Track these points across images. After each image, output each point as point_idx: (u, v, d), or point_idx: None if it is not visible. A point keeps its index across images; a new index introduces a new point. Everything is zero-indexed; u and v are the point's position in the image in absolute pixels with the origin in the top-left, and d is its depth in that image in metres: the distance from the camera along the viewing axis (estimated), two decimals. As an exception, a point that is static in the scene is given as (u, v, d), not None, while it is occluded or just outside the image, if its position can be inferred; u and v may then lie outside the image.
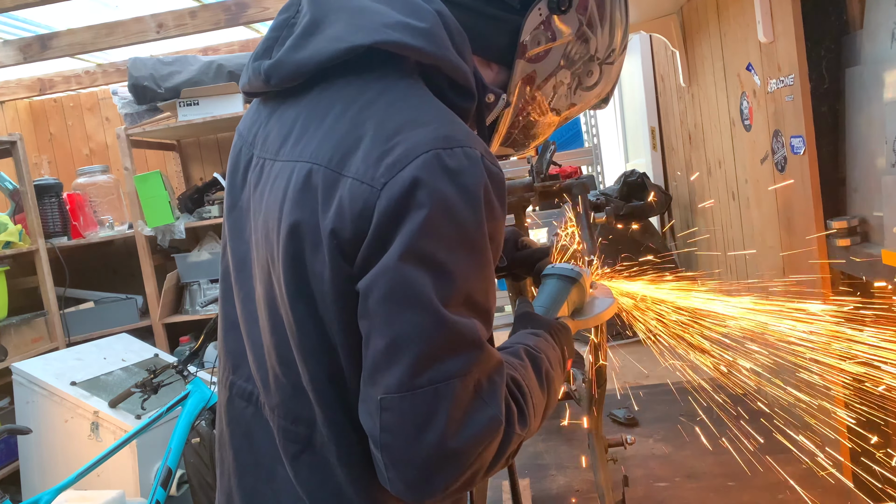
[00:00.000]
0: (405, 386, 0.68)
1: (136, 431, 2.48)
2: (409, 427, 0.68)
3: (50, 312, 3.64)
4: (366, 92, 0.78)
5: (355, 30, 0.78)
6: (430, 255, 0.69)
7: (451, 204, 0.70)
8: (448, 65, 0.80)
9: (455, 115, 0.78)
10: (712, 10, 1.99)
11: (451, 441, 0.68)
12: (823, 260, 1.43)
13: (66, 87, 4.31)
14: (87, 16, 3.47)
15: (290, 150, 0.81)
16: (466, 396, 0.69)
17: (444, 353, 0.68)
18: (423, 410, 0.68)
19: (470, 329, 0.70)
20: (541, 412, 0.83)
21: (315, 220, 0.74)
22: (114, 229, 3.94)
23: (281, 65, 0.82)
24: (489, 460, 0.72)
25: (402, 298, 0.69)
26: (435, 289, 0.68)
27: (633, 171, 2.73)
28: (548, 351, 0.89)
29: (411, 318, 0.68)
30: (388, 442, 0.69)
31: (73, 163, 4.49)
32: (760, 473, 1.47)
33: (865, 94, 1.27)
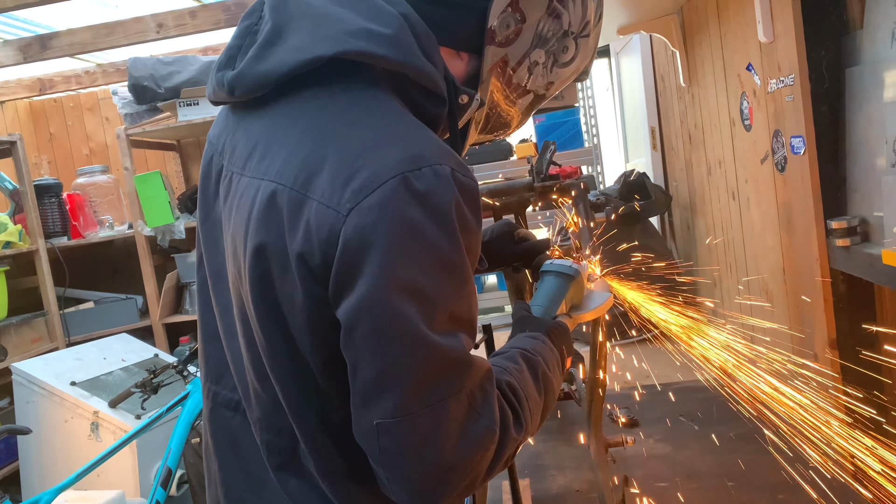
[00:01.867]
0: (400, 412, 0.68)
1: (136, 431, 2.48)
2: (409, 449, 0.69)
3: (50, 312, 3.64)
4: (330, 105, 0.76)
5: (318, 39, 0.76)
6: (409, 283, 0.68)
7: (422, 229, 0.69)
8: (416, 71, 0.77)
9: (423, 128, 0.76)
10: (712, 10, 1.99)
11: (449, 457, 0.70)
12: (823, 260, 1.43)
13: (66, 87, 4.31)
14: (87, 16, 3.47)
15: (255, 165, 0.79)
16: (461, 412, 0.70)
17: (436, 376, 0.69)
18: (420, 433, 0.68)
19: (457, 347, 0.70)
20: (538, 414, 0.84)
21: (282, 242, 0.73)
22: (114, 229, 3.94)
23: (243, 76, 0.80)
24: (486, 466, 0.73)
25: (388, 332, 0.68)
26: (420, 316, 0.68)
27: (633, 171, 2.73)
28: (545, 353, 0.90)
29: (400, 350, 0.68)
30: (388, 462, 0.70)
31: (73, 163, 4.49)
32: (760, 473, 1.46)
33: (865, 94, 1.27)
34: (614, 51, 3.88)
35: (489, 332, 1.18)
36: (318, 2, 0.80)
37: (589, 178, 3.52)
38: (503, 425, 0.74)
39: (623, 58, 3.68)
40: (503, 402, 0.76)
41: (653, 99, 3.07)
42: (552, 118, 3.52)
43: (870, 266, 1.24)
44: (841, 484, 1.38)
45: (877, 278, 1.23)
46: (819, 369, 1.51)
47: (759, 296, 1.91)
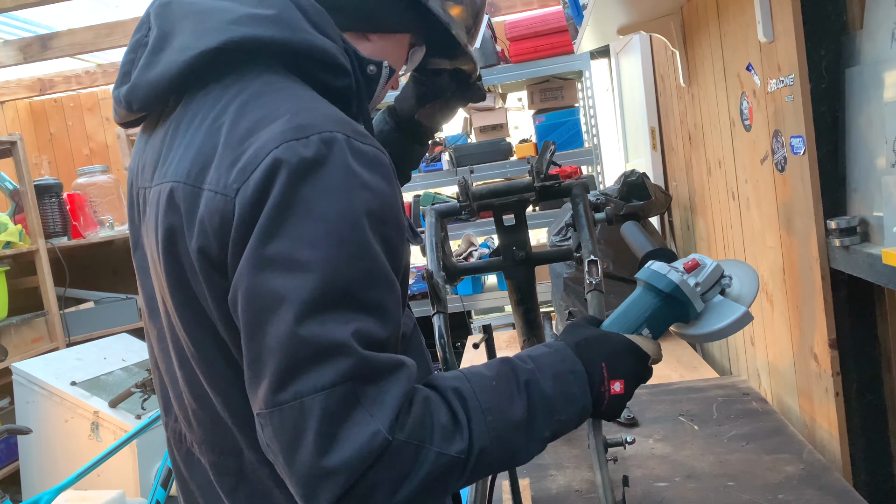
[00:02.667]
0: (271, 401, 0.64)
1: (136, 431, 2.48)
2: (283, 444, 0.64)
3: (50, 312, 3.64)
4: (223, 97, 0.74)
5: (201, 34, 0.74)
6: (286, 256, 0.64)
7: (308, 198, 0.65)
8: (308, 47, 0.75)
9: (317, 100, 0.74)
10: (712, 10, 1.99)
11: (323, 459, 0.62)
12: (823, 260, 1.43)
13: (66, 87, 4.32)
14: (87, 16, 3.47)
15: (159, 173, 0.77)
16: (339, 410, 0.63)
17: (307, 364, 0.63)
18: (290, 427, 0.63)
19: (340, 335, 0.63)
20: (515, 432, 0.72)
21: (185, 242, 0.71)
22: (114, 229, 3.95)
23: (136, 88, 0.78)
24: (395, 480, 0.65)
25: (259, 310, 0.65)
26: (295, 294, 0.63)
27: (633, 171, 2.73)
28: (548, 362, 0.78)
29: (269, 330, 0.64)
30: (273, 458, 0.66)
31: (73, 163, 4.50)
32: (760, 473, 1.47)
33: (865, 94, 1.27)
34: (614, 51, 3.88)
35: (489, 333, 1.18)
36: (211, 3, 0.77)
37: (589, 178, 3.53)
38: (421, 434, 0.66)
39: (623, 58, 3.68)
40: (434, 408, 0.68)
41: (652, 99, 3.08)
42: (552, 118, 3.53)
43: (870, 266, 1.24)
44: (841, 483, 1.38)
45: (877, 278, 1.23)
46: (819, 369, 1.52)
47: (758, 296, 1.92)
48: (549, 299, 3.13)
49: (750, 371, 2.10)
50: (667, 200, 2.88)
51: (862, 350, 1.43)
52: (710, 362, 2.46)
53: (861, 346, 1.43)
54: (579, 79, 3.65)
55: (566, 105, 3.56)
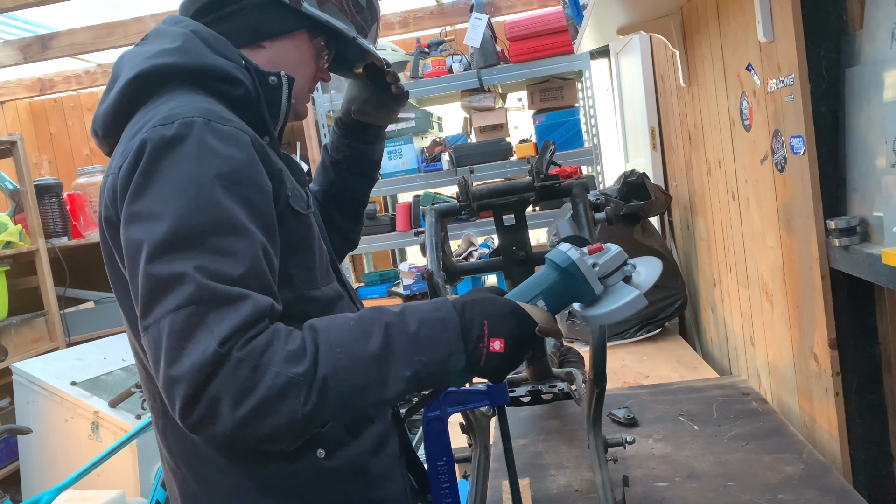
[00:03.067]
0: (142, 326, 0.80)
1: (136, 431, 2.48)
2: (152, 361, 0.79)
3: (50, 312, 3.64)
4: (143, 118, 0.91)
5: (129, 70, 0.94)
6: (145, 211, 0.81)
7: (164, 167, 0.82)
8: (203, 66, 0.94)
9: (201, 100, 0.90)
10: (712, 10, 1.99)
11: (171, 369, 0.76)
12: (823, 260, 1.43)
13: (66, 87, 4.32)
14: (87, 16, 3.47)
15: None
16: (184, 329, 0.76)
17: (159, 294, 0.78)
18: (153, 345, 0.78)
19: (183, 269, 0.78)
20: (366, 366, 0.81)
21: (103, 214, 0.91)
22: (114, 229, 3.94)
23: (96, 119, 0.99)
24: (233, 391, 0.75)
25: (129, 257, 0.82)
26: (149, 238, 0.79)
27: (633, 171, 2.73)
28: (417, 311, 0.85)
29: (136, 271, 0.80)
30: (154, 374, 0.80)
31: (73, 163, 4.50)
32: (760, 473, 1.47)
33: (865, 94, 1.27)
34: (614, 51, 3.89)
35: (489, 332, 1.18)
36: (137, 49, 0.99)
37: (589, 178, 3.53)
38: (261, 354, 0.76)
39: (623, 58, 3.68)
40: (281, 336, 0.79)
41: (652, 99, 3.08)
42: (552, 118, 3.53)
43: (870, 266, 1.24)
44: (841, 483, 1.38)
45: (877, 278, 1.23)
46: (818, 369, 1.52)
47: (758, 296, 1.92)
48: (549, 299, 3.12)
49: (750, 371, 2.10)
50: (667, 200, 2.88)
51: (862, 350, 1.43)
52: (710, 362, 2.46)
53: (861, 346, 1.43)
54: (579, 79, 3.65)
55: (566, 105, 3.56)
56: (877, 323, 1.43)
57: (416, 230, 1.64)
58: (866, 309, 1.43)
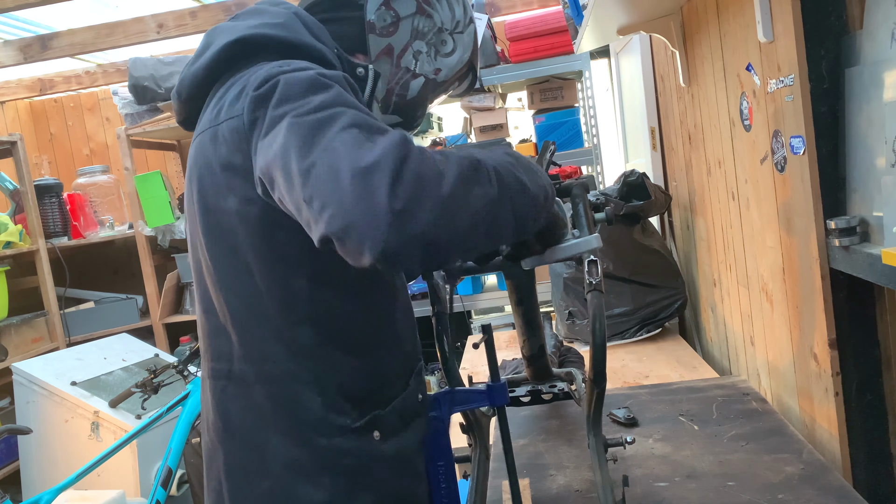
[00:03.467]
0: (303, 169, 0.76)
1: (137, 431, 2.48)
2: (327, 184, 0.73)
3: (50, 312, 3.64)
4: (241, 78, 0.94)
5: (226, 37, 0.98)
6: (296, 106, 0.82)
7: (291, 81, 0.85)
8: (303, 44, 0.98)
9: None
10: (712, 10, 1.99)
11: (361, 161, 0.72)
12: (823, 260, 1.43)
13: (66, 87, 4.32)
14: (88, 16, 3.47)
15: (196, 136, 1.00)
16: (358, 137, 0.76)
17: (315, 129, 0.78)
18: (326, 168, 0.74)
19: (332, 106, 0.80)
20: (514, 179, 0.84)
21: (211, 167, 0.92)
22: (114, 229, 3.95)
23: (183, 80, 1.03)
24: (432, 174, 0.74)
25: (275, 144, 0.81)
26: (293, 111, 0.81)
27: (633, 171, 2.73)
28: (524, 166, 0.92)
29: (279, 133, 0.81)
30: (323, 211, 0.73)
31: (73, 163, 4.50)
32: (760, 473, 1.47)
33: (865, 94, 1.27)
34: (614, 51, 3.89)
35: (489, 333, 1.18)
36: (233, 21, 1.03)
37: (589, 178, 3.53)
38: (432, 152, 0.77)
39: (623, 58, 3.68)
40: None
41: (652, 99, 3.08)
42: (552, 118, 3.53)
43: (870, 266, 1.24)
44: (841, 483, 1.38)
45: (877, 278, 1.23)
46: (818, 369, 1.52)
47: (758, 296, 1.92)
48: (549, 299, 3.13)
49: (750, 371, 2.10)
50: (667, 200, 2.89)
51: (862, 350, 1.43)
52: (710, 362, 2.46)
53: (861, 346, 1.43)
54: (579, 79, 3.65)
55: (566, 105, 3.56)
56: (877, 323, 1.43)
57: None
58: (866, 309, 1.43)
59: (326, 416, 0.92)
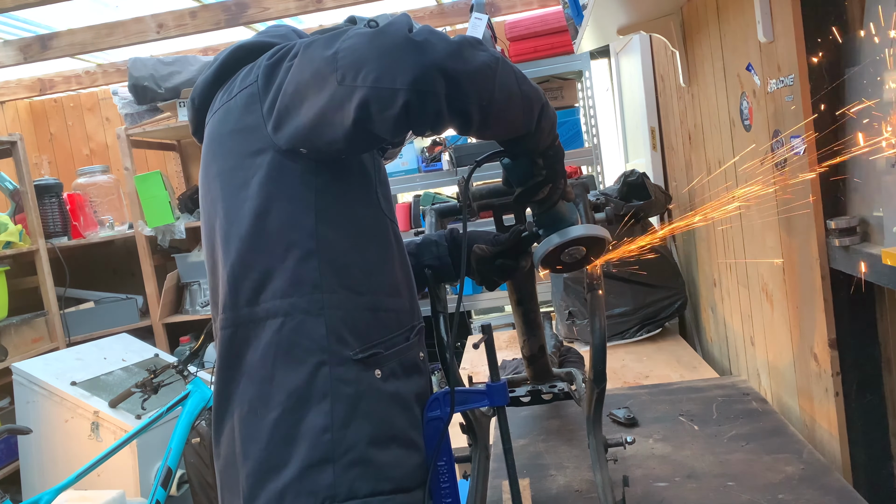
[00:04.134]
0: (334, 57, 0.87)
1: (136, 431, 2.48)
2: (360, 47, 0.86)
3: (50, 312, 3.64)
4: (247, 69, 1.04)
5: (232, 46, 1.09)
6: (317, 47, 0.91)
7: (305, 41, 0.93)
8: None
9: None
10: (712, 10, 1.99)
11: (377, 35, 0.85)
12: (823, 260, 1.43)
13: (66, 87, 4.31)
14: (87, 16, 3.47)
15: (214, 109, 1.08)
16: (365, 32, 0.87)
17: (333, 37, 0.89)
18: (353, 43, 0.86)
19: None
20: (507, 72, 0.92)
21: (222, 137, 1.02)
22: (114, 229, 3.95)
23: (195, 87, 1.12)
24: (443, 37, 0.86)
25: (303, 76, 0.91)
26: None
27: (633, 171, 2.73)
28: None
29: (307, 64, 0.92)
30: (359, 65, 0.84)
31: (73, 163, 4.49)
32: (760, 473, 1.47)
33: (865, 94, 1.27)
34: (614, 51, 3.88)
35: (489, 333, 1.18)
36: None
37: (589, 178, 3.52)
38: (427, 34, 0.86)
39: (623, 58, 3.68)
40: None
41: (652, 99, 3.08)
42: (552, 118, 3.52)
43: (870, 266, 1.24)
44: (840, 483, 1.38)
45: (877, 278, 1.23)
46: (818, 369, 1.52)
47: (758, 296, 1.92)
48: (549, 299, 3.13)
49: (750, 371, 2.10)
50: (667, 200, 2.89)
51: (862, 350, 1.43)
52: (710, 362, 2.46)
53: (861, 346, 1.43)
54: (579, 79, 3.65)
55: (566, 105, 3.56)
56: (877, 323, 1.43)
57: (416, 230, 1.64)
58: (866, 309, 1.43)
59: (330, 346, 0.96)
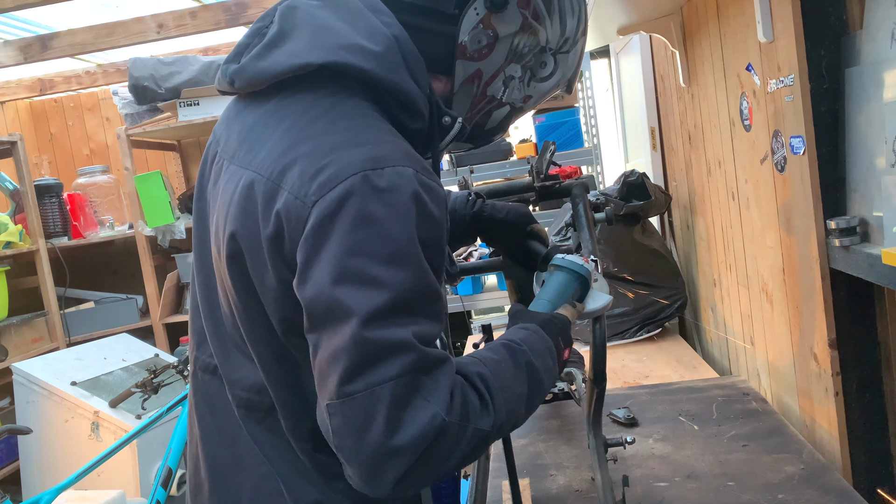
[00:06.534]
0: (342, 392, 0.73)
1: (137, 431, 2.48)
2: (353, 429, 0.73)
3: (50, 312, 3.64)
4: (314, 108, 0.84)
5: (312, 48, 0.84)
6: (360, 272, 0.74)
7: (379, 221, 0.74)
8: (395, 88, 0.84)
9: (394, 135, 0.83)
10: (712, 10, 1.99)
11: (392, 439, 0.72)
12: (823, 260, 1.43)
13: (66, 87, 4.32)
14: (88, 16, 3.47)
15: (242, 156, 0.86)
16: (405, 396, 0.73)
17: (376, 360, 0.73)
18: (361, 412, 0.72)
19: (402, 336, 0.74)
20: (520, 404, 0.85)
21: (256, 227, 0.81)
22: (114, 229, 3.95)
23: (243, 71, 0.88)
24: (444, 455, 0.76)
25: (336, 317, 0.74)
26: (367, 303, 0.73)
27: (633, 171, 2.73)
28: (534, 343, 0.91)
29: (345, 332, 0.73)
30: (339, 444, 0.75)
31: (73, 163, 4.50)
32: (760, 473, 1.47)
33: (865, 94, 1.27)
34: (614, 51, 3.89)
35: (489, 332, 1.18)
36: (322, 14, 0.87)
37: (589, 178, 3.53)
38: (462, 415, 0.76)
39: (623, 58, 3.68)
40: (468, 392, 0.79)
41: (652, 99, 3.08)
42: (552, 118, 3.53)
43: (870, 266, 1.24)
44: (841, 483, 1.38)
45: (877, 278, 1.23)
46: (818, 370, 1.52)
47: (758, 296, 1.92)
48: (549, 299, 3.12)
49: (750, 371, 2.10)
50: (667, 200, 2.89)
51: (862, 350, 1.43)
52: (710, 362, 2.46)
53: (861, 346, 1.43)
54: (579, 79, 3.65)
55: (566, 105, 3.56)
56: (877, 323, 1.43)
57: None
58: (866, 309, 1.43)
59: None
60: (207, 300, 0.94)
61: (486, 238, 1.31)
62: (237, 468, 0.92)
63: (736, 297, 2.16)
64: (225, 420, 0.93)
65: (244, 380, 0.90)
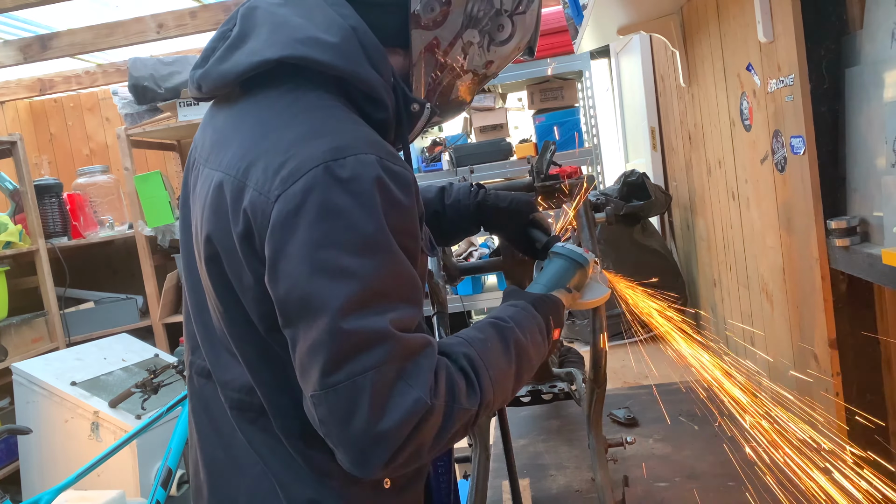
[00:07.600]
0: (324, 384, 0.74)
1: (136, 431, 2.48)
2: (338, 417, 0.74)
3: (50, 312, 3.64)
4: (277, 104, 0.84)
5: (269, 44, 0.84)
6: (330, 264, 0.74)
7: (344, 211, 0.74)
8: (356, 78, 0.84)
9: (357, 123, 0.83)
10: (712, 10, 1.99)
11: (377, 425, 0.73)
12: (823, 260, 1.43)
13: (66, 87, 4.32)
14: (87, 16, 3.47)
15: (213, 158, 0.87)
16: (387, 383, 0.74)
17: (356, 351, 0.74)
18: (345, 401, 0.74)
19: (379, 325, 0.74)
20: (507, 381, 0.87)
21: (228, 227, 0.81)
22: (114, 229, 3.95)
23: (208, 75, 0.89)
24: (431, 436, 0.77)
25: (312, 311, 0.74)
26: (340, 295, 0.73)
27: (633, 171, 2.73)
28: (523, 320, 0.93)
29: (321, 325, 0.74)
30: (326, 432, 0.76)
31: (73, 163, 4.50)
32: (760, 473, 1.47)
33: (865, 94, 1.27)
34: (614, 51, 3.89)
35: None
36: (282, 11, 0.87)
37: (589, 177, 3.52)
38: (448, 396, 0.78)
39: (623, 58, 3.68)
40: (453, 373, 0.80)
41: (652, 99, 3.08)
42: (552, 118, 3.53)
43: (870, 266, 1.24)
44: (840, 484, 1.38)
45: (877, 278, 1.23)
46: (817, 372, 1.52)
47: (758, 296, 1.92)
48: (549, 299, 3.13)
49: (750, 371, 2.10)
50: (667, 200, 2.89)
51: (862, 350, 1.43)
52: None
53: (861, 346, 1.43)
54: (579, 79, 3.65)
55: (566, 105, 3.56)
56: (877, 323, 1.43)
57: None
58: (866, 309, 1.43)
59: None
60: (197, 304, 0.95)
61: (490, 226, 1.31)
62: (234, 470, 0.92)
63: (736, 297, 2.16)
64: (221, 423, 0.94)
65: (235, 381, 0.90)
